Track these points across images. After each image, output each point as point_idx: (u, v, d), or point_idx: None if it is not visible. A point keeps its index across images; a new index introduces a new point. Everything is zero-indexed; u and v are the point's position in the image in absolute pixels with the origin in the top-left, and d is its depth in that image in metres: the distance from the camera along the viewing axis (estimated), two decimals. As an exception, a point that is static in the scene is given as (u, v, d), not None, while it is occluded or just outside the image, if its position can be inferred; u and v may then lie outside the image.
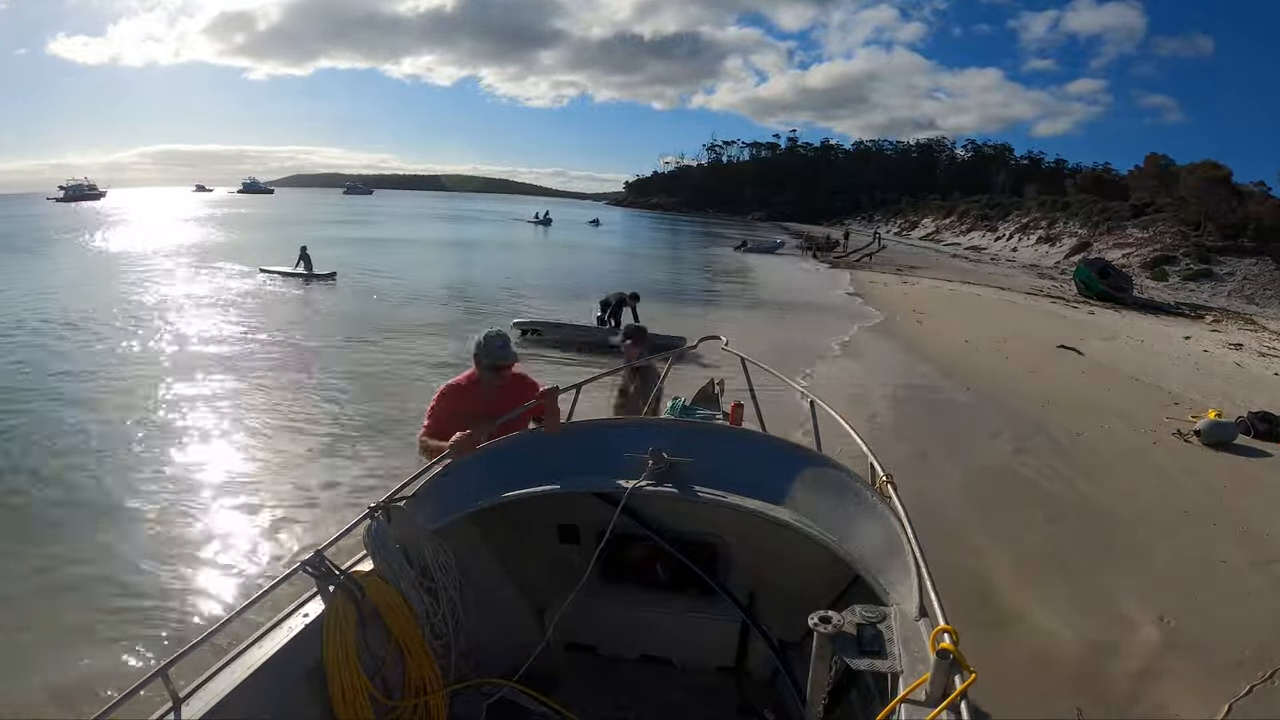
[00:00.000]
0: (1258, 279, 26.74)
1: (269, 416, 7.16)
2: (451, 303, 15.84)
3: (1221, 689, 3.40)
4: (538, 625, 2.73)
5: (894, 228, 65.55)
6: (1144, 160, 46.17)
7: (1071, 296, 22.78)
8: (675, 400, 4.44)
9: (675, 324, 11.54)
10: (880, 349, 12.19)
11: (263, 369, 9.06)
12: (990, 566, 4.46)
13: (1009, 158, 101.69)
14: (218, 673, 1.70)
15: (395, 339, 11.37)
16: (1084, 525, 5.25)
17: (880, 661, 1.65)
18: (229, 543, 4.60)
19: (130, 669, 3.35)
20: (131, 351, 9.99)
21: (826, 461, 2.53)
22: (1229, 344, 15.72)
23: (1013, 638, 3.76)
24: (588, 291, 15.52)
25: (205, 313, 13.26)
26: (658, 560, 2.74)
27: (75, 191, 75.53)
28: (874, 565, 2.04)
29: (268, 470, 5.77)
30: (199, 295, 15.37)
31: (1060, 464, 6.55)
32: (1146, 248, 32.35)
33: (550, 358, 10.10)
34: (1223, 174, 35.17)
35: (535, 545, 2.79)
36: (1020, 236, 45.39)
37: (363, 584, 2.01)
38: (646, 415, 3.62)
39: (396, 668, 2.07)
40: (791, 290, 20.73)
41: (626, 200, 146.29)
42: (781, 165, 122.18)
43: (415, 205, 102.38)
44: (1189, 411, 8.53)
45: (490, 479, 2.51)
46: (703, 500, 2.35)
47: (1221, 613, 4.10)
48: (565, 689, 2.61)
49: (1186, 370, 11.81)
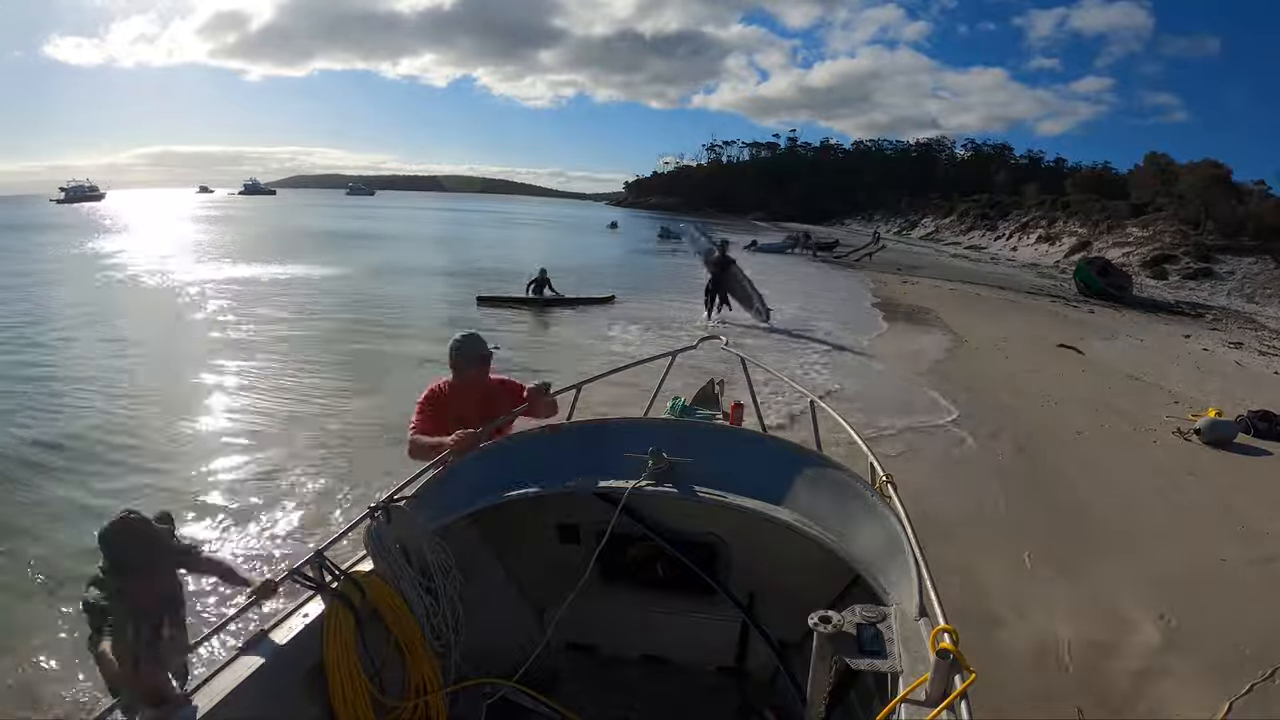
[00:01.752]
0: (1258, 278, 26.75)
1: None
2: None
3: (1221, 688, 3.40)
4: (538, 625, 2.73)
5: (894, 227, 65.58)
6: (1144, 159, 46.21)
7: (1072, 295, 22.79)
8: (675, 400, 4.44)
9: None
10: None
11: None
12: (990, 566, 4.46)
13: (1009, 157, 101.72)
14: (218, 673, 1.70)
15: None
16: (1084, 524, 5.24)
17: (880, 661, 1.65)
18: (229, 542, 4.60)
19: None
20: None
21: (826, 461, 2.53)
22: (1229, 343, 15.73)
23: (1013, 637, 3.76)
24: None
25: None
26: (658, 560, 2.74)
27: (76, 193, 75.37)
28: (874, 565, 2.04)
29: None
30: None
31: (1060, 463, 6.55)
32: (1146, 247, 32.38)
33: (503, 317, 13.42)
34: (1222, 173, 35.20)
35: (535, 545, 2.78)
36: (1020, 236, 45.43)
37: (363, 584, 2.01)
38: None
39: (396, 668, 2.07)
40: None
41: (626, 200, 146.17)
42: (781, 165, 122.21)
43: (441, 206, 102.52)
44: (1189, 410, 8.54)
45: (490, 479, 2.51)
46: (703, 500, 2.35)
47: (1221, 612, 4.10)
48: (565, 689, 2.61)
49: (1186, 369, 11.81)
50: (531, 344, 11.55)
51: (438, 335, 9.63)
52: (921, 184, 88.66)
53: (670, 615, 2.80)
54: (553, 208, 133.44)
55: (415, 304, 15.13)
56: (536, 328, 13.11)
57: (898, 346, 12.30)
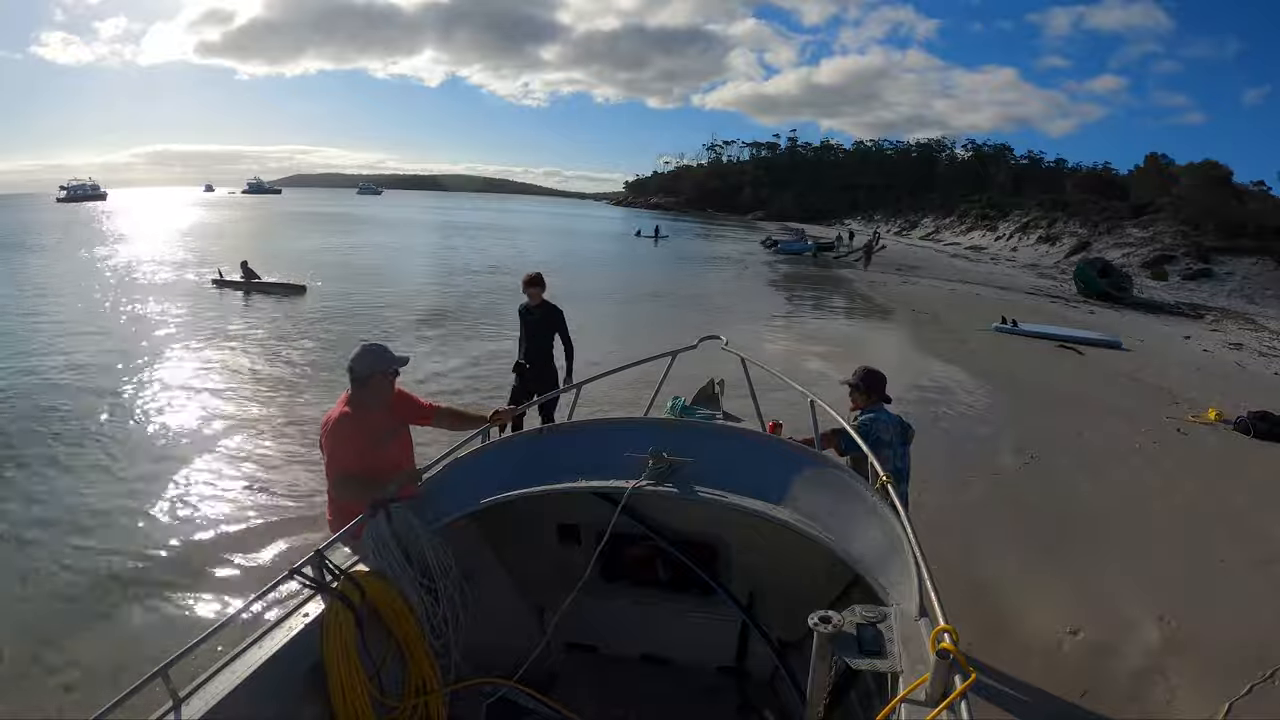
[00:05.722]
0: (1258, 279, 26.73)
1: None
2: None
3: (1221, 689, 3.40)
4: (538, 625, 2.73)
5: (894, 227, 65.51)
6: (1144, 160, 46.21)
7: (1071, 296, 22.78)
8: (675, 400, 4.43)
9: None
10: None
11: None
12: (989, 566, 4.46)
13: (1009, 157, 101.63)
14: (218, 673, 1.70)
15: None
16: (1084, 524, 5.24)
17: (880, 661, 1.65)
18: (230, 541, 4.60)
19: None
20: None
21: (826, 461, 2.53)
22: (1229, 344, 15.73)
23: (1012, 637, 3.76)
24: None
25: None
26: (658, 560, 2.74)
27: (77, 192, 74.87)
28: (874, 565, 2.04)
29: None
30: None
31: (1060, 463, 6.55)
32: (1146, 247, 32.34)
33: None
34: (1222, 174, 35.19)
35: (535, 545, 2.79)
36: (1020, 236, 45.32)
37: (363, 584, 2.01)
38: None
39: (396, 668, 2.07)
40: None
41: (626, 200, 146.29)
42: (781, 165, 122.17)
43: (454, 205, 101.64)
44: (1189, 411, 8.54)
45: (490, 479, 2.51)
46: (703, 500, 2.35)
47: (1221, 612, 4.10)
48: (565, 689, 2.61)
49: (1186, 370, 11.81)
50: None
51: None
52: (921, 184, 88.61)
53: (670, 615, 2.80)
54: (560, 208, 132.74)
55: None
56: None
57: (897, 348, 12.31)
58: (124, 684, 1.55)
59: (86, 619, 3.75)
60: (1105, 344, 13.30)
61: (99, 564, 4.26)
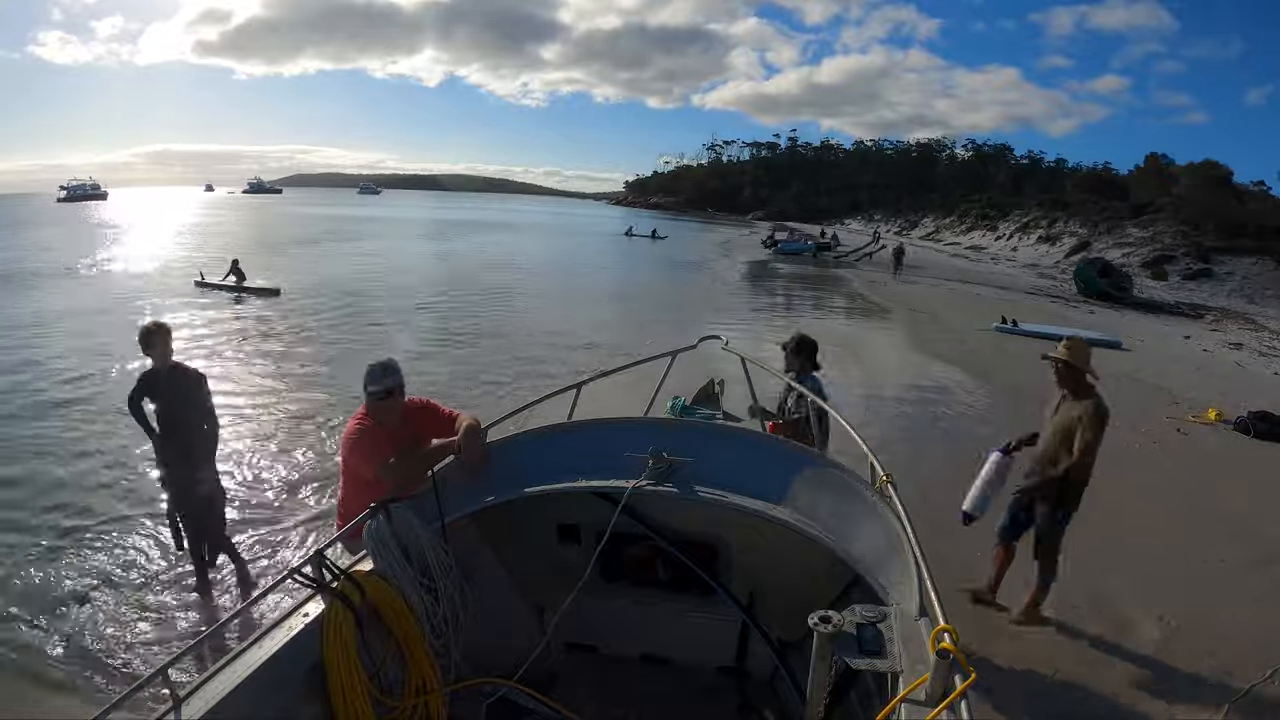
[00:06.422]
0: (1258, 279, 26.76)
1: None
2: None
3: (1221, 689, 3.40)
4: (538, 625, 2.73)
5: (893, 227, 65.53)
6: (1145, 160, 46.21)
7: (1071, 296, 22.79)
8: (675, 400, 4.44)
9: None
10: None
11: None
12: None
13: (1009, 157, 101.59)
14: (218, 673, 1.70)
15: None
16: (1084, 524, 5.22)
17: (880, 661, 1.65)
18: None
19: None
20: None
21: (826, 461, 2.53)
22: (1229, 344, 15.74)
23: (1012, 637, 3.76)
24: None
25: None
26: (658, 560, 2.74)
27: (78, 191, 74.50)
28: (874, 565, 2.04)
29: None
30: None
31: (1060, 464, 6.53)
32: (1146, 247, 32.35)
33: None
34: (1222, 173, 35.19)
35: (535, 545, 2.78)
36: (1020, 236, 45.36)
37: (363, 584, 2.01)
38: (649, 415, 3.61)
39: (396, 667, 2.07)
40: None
41: (626, 199, 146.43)
42: (782, 164, 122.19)
43: (457, 205, 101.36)
44: (1189, 411, 8.54)
45: (490, 478, 2.50)
46: (703, 500, 2.35)
47: (1221, 613, 4.10)
48: (565, 689, 2.61)
49: (1186, 370, 11.82)
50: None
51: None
52: (922, 184, 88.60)
53: (670, 615, 2.80)
54: (561, 207, 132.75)
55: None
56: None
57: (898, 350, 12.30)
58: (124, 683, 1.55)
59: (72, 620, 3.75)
60: (1105, 344, 13.29)
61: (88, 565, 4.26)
